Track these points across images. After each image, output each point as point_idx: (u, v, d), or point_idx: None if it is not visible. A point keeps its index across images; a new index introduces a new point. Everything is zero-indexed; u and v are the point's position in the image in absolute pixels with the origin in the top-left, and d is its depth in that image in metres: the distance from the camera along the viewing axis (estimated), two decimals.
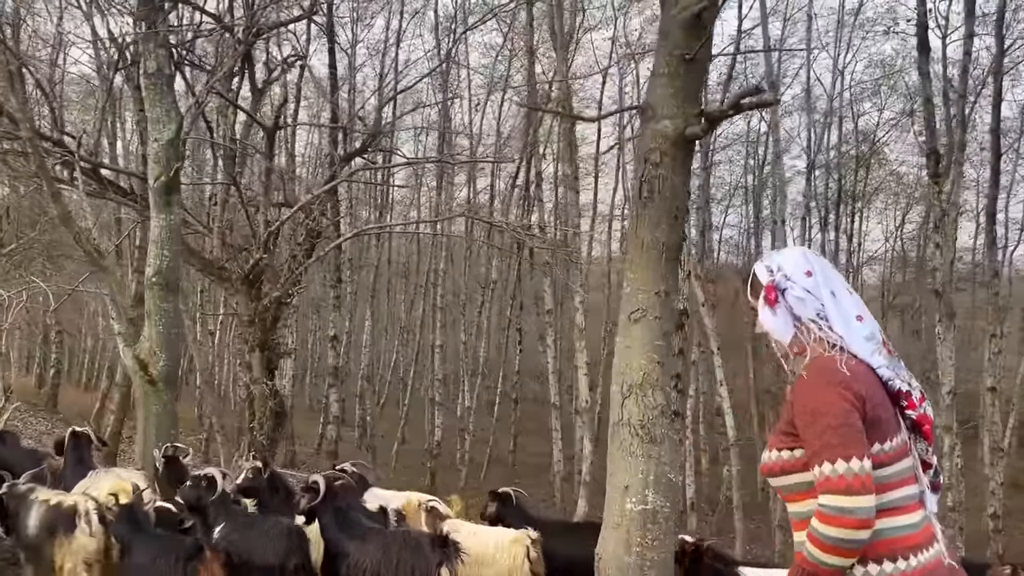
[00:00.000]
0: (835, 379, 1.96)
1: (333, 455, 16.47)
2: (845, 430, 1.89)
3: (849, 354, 2.03)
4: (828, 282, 2.12)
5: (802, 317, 2.09)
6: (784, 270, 2.15)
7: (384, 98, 14.52)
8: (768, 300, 2.14)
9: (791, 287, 2.12)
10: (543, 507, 16.03)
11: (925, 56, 11.93)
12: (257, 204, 11.47)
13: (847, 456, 1.86)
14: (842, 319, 2.08)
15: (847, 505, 1.83)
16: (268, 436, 10.82)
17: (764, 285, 2.16)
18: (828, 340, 2.05)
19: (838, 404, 1.92)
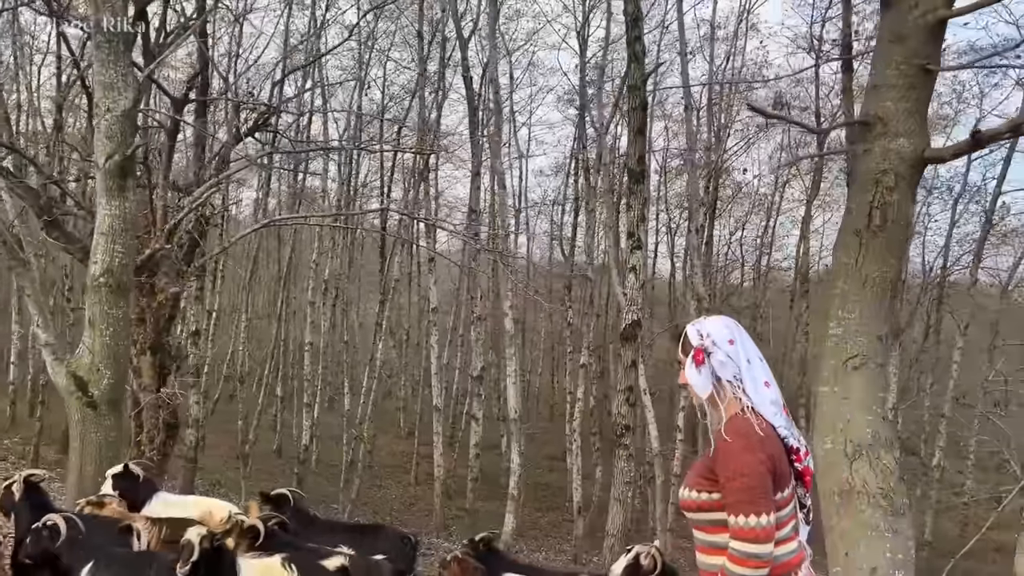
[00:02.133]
0: (753, 444, 2.38)
1: (192, 462, 14.74)
2: (758, 491, 2.35)
3: (757, 415, 2.43)
4: (746, 351, 2.52)
5: (722, 378, 2.48)
6: (712, 336, 2.51)
7: (288, 69, 12.99)
8: (696, 360, 2.50)
9: (716, 351, 2.49)
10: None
11: None
12: (155, 185, 9.82)
13: (757, 512, 2.33)
14: (753, 383, 2.49)
15: (753, 551, 2.33)
16: (159, 451, 9.29)
17: (694, 347, 2.51)
18: (741, 400, 2.45)
19: (755, 468, 2.36)
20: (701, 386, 2.51)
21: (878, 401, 3.88)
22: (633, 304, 10.53)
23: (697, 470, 2.54)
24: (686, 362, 2.54)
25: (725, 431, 2.41)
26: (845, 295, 3.98)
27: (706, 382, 2.50)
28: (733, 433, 2.40)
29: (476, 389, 15.30)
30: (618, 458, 10.55)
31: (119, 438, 6.43)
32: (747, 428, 2.40)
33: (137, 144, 6.25)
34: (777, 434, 2.47)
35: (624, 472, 10.54)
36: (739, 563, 2.34)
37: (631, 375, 10.62)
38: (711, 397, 2.49)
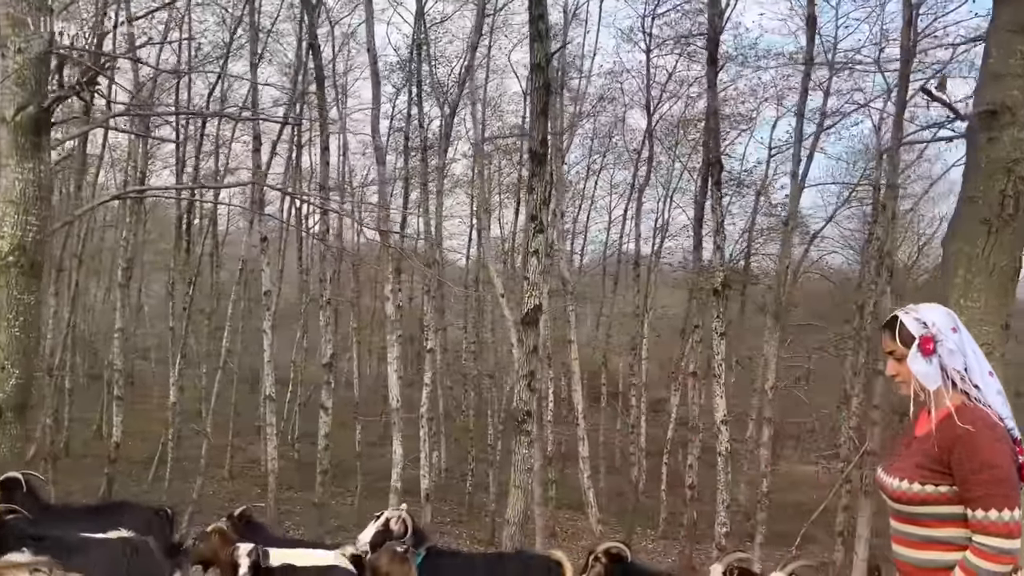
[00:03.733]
0: (1002, 435, 2.35)
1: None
2: (1009, 484, 2.29)
3: (988, 405, 2.40)
4: (969, 340, 2.47)
5: (948, 368, 2.40)
6: (938, 324, 2.44)
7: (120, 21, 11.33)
8: (924, 350, 2.41)
9: (945, 340, 2.41)
10: None
11: None
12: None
13: (1011, 506, 2.26)
14: (980, 373, 2.44)
15: (1006, 547, 2.25)
16: None
17: (919, 336, 2.43)
18: (969, 392, 2.40)
19: (1006, 459, 2.31)
20: (932, 377, 2.41)
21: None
22: (535, 288, 10.24)
23: (914, 460, 2.45)
24: (910, 352, 2.44)
25: (964, 421, 2.33)
26: (968, 283, 3.96)
27: (936, 373, 2.42)
28: (977, 422, 2.33)
29: (326, 377, 14.34)
30: (519, 444, 10.25)
31: (23, 451, 5.21)
32: (989, 418, 2.37)
33: (58, 95, 5.02)
34: (1005, 426, 2.42)
35: (525, 459, 10.26)
36: (989, 559, 2.27)
37: (532, 360, 10.33)
38: (938, 390, 2.42)
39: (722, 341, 12.37)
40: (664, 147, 21.23)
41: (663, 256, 22.55)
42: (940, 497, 2.38)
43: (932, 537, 2.41)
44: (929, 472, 2.39)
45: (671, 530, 19.56)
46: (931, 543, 2.41)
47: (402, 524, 5.31)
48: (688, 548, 16.70)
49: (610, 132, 22.99)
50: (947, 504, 2.37)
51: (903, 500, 2.46)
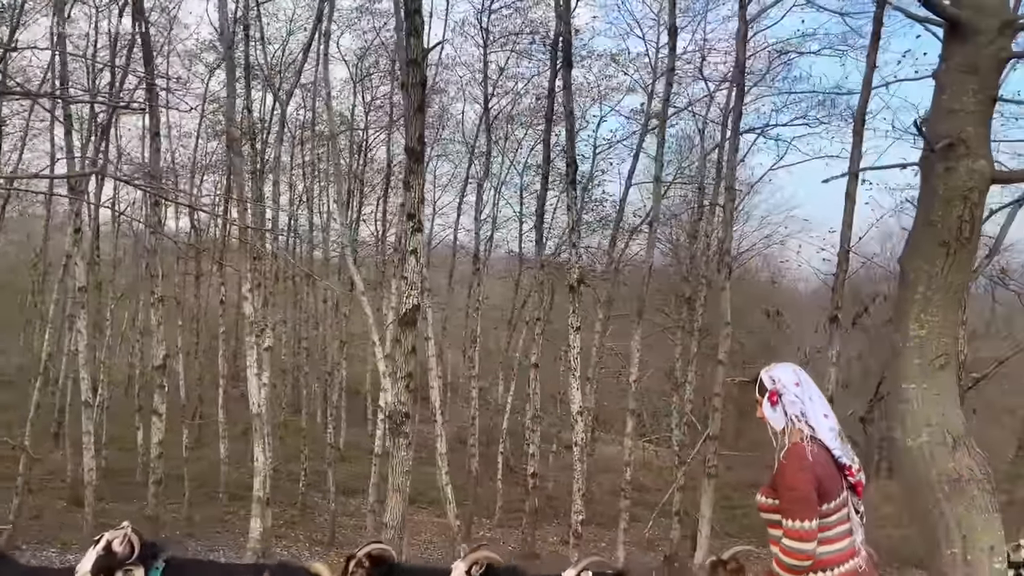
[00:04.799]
0: (804, 466, 3.22)
1: None
2: (805, 502, 3.17)
3: (817, 441, 3.30)
4: (808, 391, 3.40)
5: (789, 413, 3.34)
6: (782, 381, 3.41)
7: None
8: (771, 401, 3.37)
9: (786, 393, 3.36)
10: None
11: None
12: None
13: (802, 518, 3.15)
14: (815, 416, 3.35)
15: (798, 547, 3.16)
16: None
17: (769, 390, 3.40)
18: (803, 431, 3.30)
19: (804, 484, 3.20)
20: (778, 420, 3.37)
21: (958, 397, 4.33)
22: (413, 288, 10.09)
23: (768, 482, 3.42)
24: (763, 402, 3.40)
25: (784, 456, 3.30)
26: (928, 299, 4.35)
27: (781, 417, 3.36)
28: (790, 457, 3.27)
29: (160, 380, 13.34)
30: (398, 446, 10.09)
31: None
32: (801, 453, 3.26)
33: None
34: (832, 456, 3.34)
35: (404, 461, 10.11)
36: (787, 555, 3.21)
37: (411, 361, 10.18)
38: (783, 428, 3.36)
39: (577, 335, 12.77)
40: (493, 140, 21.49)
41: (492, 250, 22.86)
42: (775, 507, 3.33)
43: (775, 536, 3.35)
44: (771, 490, 3.35)
45: (507, 518, 20.00)
46: (773, 541, 3.36)
47: (127, 544, 4.75)
48: (530, 535, 17.17)
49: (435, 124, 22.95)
50: (778, 513, 3.30)
51: (762, 510, 3.42)
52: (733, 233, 18.15)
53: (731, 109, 14.74)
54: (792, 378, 3.43)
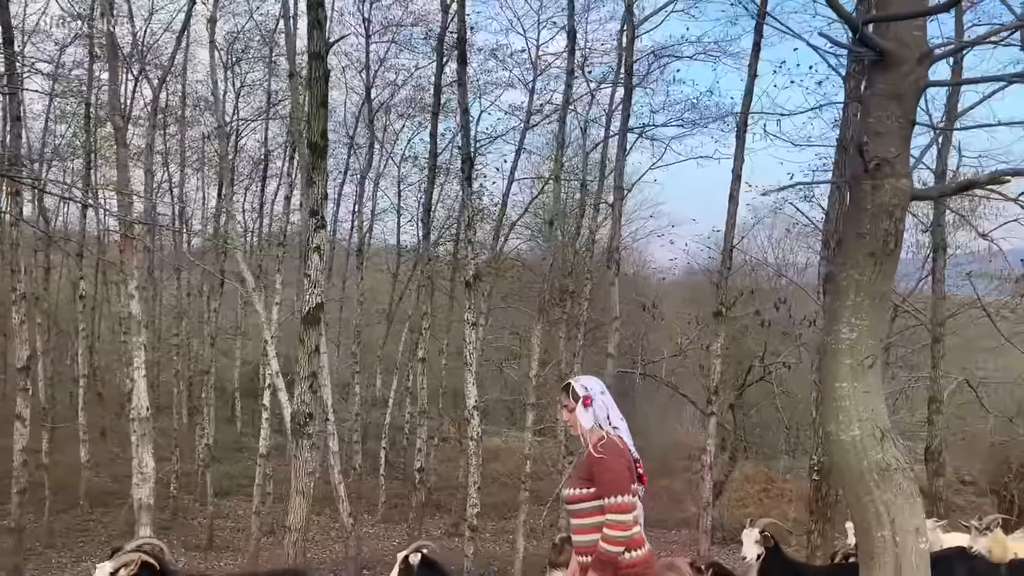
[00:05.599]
0: (621, 453, 3.83)
1: None
2: (624, 480, 3.74)
3: (620, 437, 3.89)
4: (608, 398, 3.96)
5: (599, 416, 3.89)
6: (592, 388, 3.94)
7: None
8: (585, 404, 3.88)
9: (595, 398, 3.90)
10: None
11: None
12: None
13: (623, 492, 3.70)
14: (616, 419, 3.93)
15: (623, 519, 3.68)
16: None
17: (582, 396, 3.91)
18: (608, 430, 3.87)
19: (621, 465, 3.78)
20: (589, 422, 3.89)
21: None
22: (317, 286, 9.92)
23: (577, 475, 3.92)
24: (577, 407, 3.90)
25: (601, 448, 3.82)
26: (858, 305, 4.74)
27: (592, 419, 3.88)
28: (606, 448, 3.81)
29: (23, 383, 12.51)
30: (301, 448, 9.92)
31: None
32: (615, 443, 3.85)
33: None
34: (629, 451, 3.93)
35: (307, 463, 9.96)
36: (615, 528, 3.68)
37: (314, 361, 10.03)
38: (591, 428, 3.89)
39: (474, 331, 12.90)
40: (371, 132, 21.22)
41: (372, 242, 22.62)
42: (589, 495, 3.78)
43: (590, 524, 3.79)
44: (582, 480, 3.83)
45: (391, 514, 19.94)
46: (589, 528, 3.80)
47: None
48: (417, 529, 17.20)
49: None
50: (594, 500, 3.77)
51: (571, 501, 3.87)
52: (607, 228, 18.79)
53: (615, 109, 15.22)
54: (599, 387, 3.97)
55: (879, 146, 4.72)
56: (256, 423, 26.54)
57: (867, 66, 4.94)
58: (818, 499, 10.55)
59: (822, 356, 4.94)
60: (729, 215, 11.80)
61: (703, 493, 12.46)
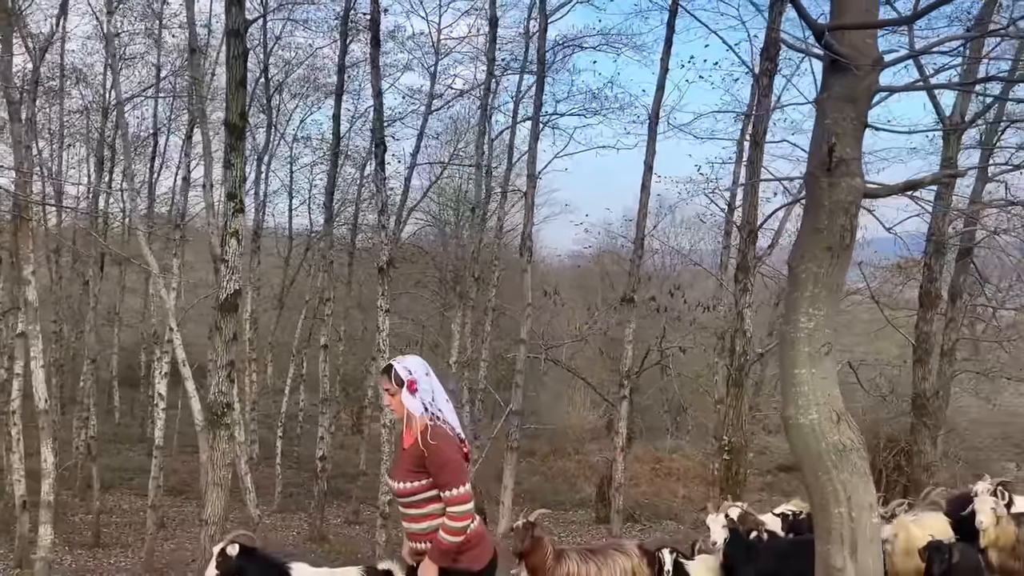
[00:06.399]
0: (452, 443, 3.71)
1: None
2: (460, 471, 3.67)
3: (445, 421, 3.77)
4: (435, 381, 3.82)
5: (424, 400, 3.73)
6: (416, 372, 3.76)
7: None
8: (411, 389, 3.72)
9: (420, 382, 3.74)
10: None
11: None
12: None
13: (461, 483, 3.64)
14: (440, 402, 3.79)
15: (464, 509, 3.63)
16: None
17: (407, 380, 3.72)
18: (434, 414, 3.73)
19: (456, 456, 3.68)
20: (416, 407, 3.70)
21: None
22: (235, 272, 9.60)
23: (405, 466, 3.74)
24: (402, 392, 3.71)
25: (431, 437, 3.66)
26: (815, 296, 5.03)
27: (419, 403, 3.70)
28: (438, 437, 3.66)
29: None
30: (218, 439, 9.60)
31: None
32: (444, 432, 3.71)
33: None
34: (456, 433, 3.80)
35: (225, 454, 9.64)
36: (457, 519, 3.61)
37: (232, 349, 9.69)
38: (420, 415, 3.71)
39: (387, 317, 12.78)
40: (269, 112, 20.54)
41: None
42: (424, 487, 3.66)
43: (425, 513, 3.70)
44: (412, 472, 3.67)
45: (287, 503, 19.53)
46: (426, 517, 3.71)
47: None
48: (318, 518, 16.93)
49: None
50: (429, 490, 3.66)
51: (404, 495, 3.70)
52: (512, 216, 19.00)
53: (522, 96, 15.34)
54: (423, 369, 3.79)
55: (836, 147, 5.00)
56: (137, 413, 25.46)
57: (824, 71, 5.21)
58: (728, 478, 11.09)
59: (781, 344, 5.20)
60: (641, 204, 12.13)
61: (615, 475, 12.83)
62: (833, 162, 4.97)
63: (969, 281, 14.06)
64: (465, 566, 3.70)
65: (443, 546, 3.63)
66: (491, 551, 3.84)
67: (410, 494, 3.68)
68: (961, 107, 11.73)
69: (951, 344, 13.65)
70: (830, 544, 4.88)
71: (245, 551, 4.52)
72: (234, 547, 4.47)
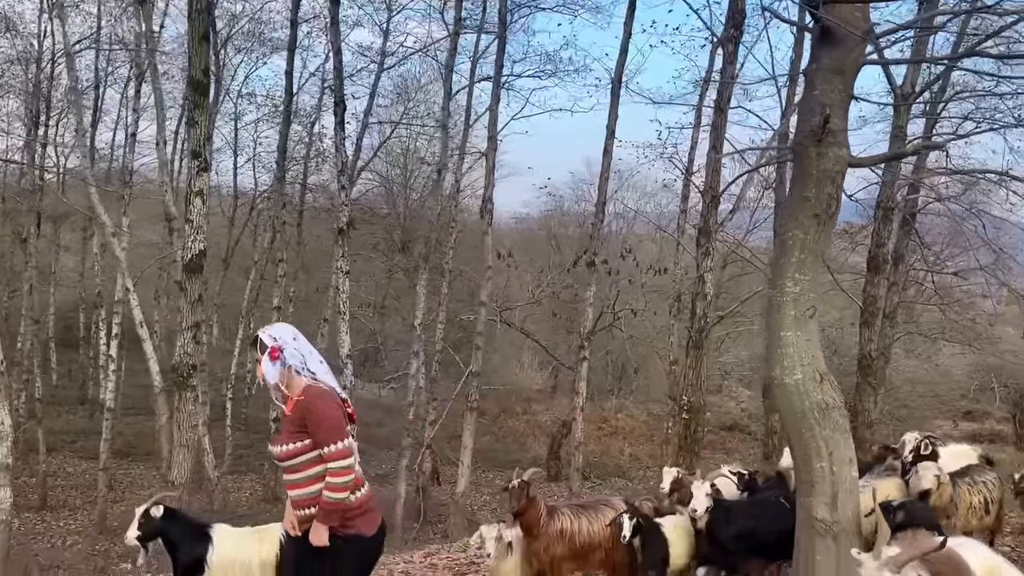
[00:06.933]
0: (332, 400, 3.61)
1: None
2: (340, 427, 3.55)
3: (323, 383, 3.67)
4: (305, 344, 3.72)
5: (293, 365, 3.63)
6: (282, 338, 3.69)
7: None
8: (272, 357, 3.63)
9: (286, 347, 3.65)
10: None
11: None
12: None
13: (340, 439, 3.52)
14: (315, 363, 3.70)
15: (345, 464, 3.52)
16: None
17: (270, 347, 3.63)
18: (308, 377, 3.64)
19: (334, 412, 3.57)
20: (273, 374, 3.61)
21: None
22: (199, 232, 9.46)
23: (287, 431, 3.64)
24: (264, 359, 3.62)
25: (308, 397, 3.58)
26: (801, 262, 5.22)
27: (278, 371, 3.61)
28: (315, 396, 3.58)
29: None
30: (185, 400, 9.53)
31: None
32: (322, 390, 3.63)
33: None
34: (335, 392, 3.71)
35: (192, 416, 9.59)
36: (338, 475, 3.51)
37: (198, 310, 9.58)
38: (284, 381, 3.63)
39: (347, 279, 12.72)
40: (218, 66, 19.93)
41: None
42: (305, 448, 3.55)
43: (308, 476, 3.58)
44: (296, 433, 3.56)
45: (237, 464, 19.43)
46: (309, 480, 3.58)
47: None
48: (272, 479, 16.92)
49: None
50: (310, 451, 3.55)
51: (284, 458, 3.59)
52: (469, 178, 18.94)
53: (480, 56, 15.25)
54: (290, 334, 3.72)
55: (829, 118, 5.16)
56: (76, 375, 24.85)
57: (813, 43, 5.36)
58: (687, 436, 11.43)
59: (768, 308, 5.40)
60: (603, 168, 12.25)
61: (575, 433, 13.08)
62: (824, 133, 5.13)
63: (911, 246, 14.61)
64: (356, 531, 3.62)
65: (328, 504, 3.52)
66: (380, 519, 3.78)
67: (292, 456, 3.57)
68: (912, 78, 12.08)
69: (893, 307, 14.20)
70: (812, 497, 5.14)
71: (168, 513, 4.49)
72: (158, 509, 4.43)
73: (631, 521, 5.47)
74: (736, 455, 22.01)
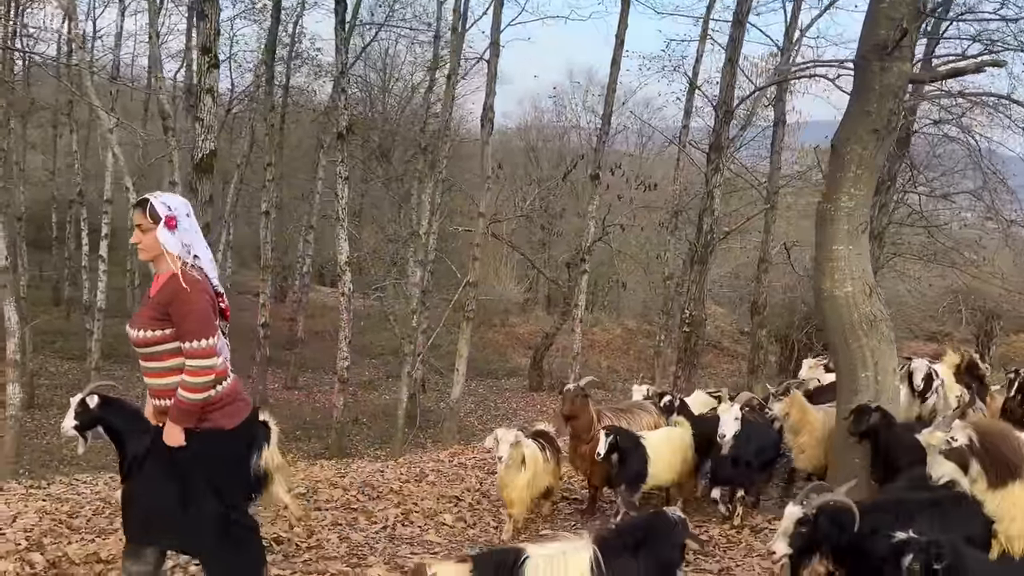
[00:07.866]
0: (202, 288, 3.26)
1: None
2: (208, 322, 3.23)
3: (200, 269, 3.32)
4: (194, 224, 3.39)
5: (183, 241, 3.29)
6: (178, 209, 3.32)
7: None
8: (169, 226, 3.27)
9: (181, 220, 3.30)
10: None
11: None
12: None
13: (207, 336, 3.21)
14: (200, 247, 3.36)
15: (206, 364, 3.22)
16: None
17: (164, 216, 3.26)
18: (189, 259, 3.28)
19: (205, 306, 3.23)
20: (175, 245, 3.26)
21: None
22: (210, 131, 9.21)
23: (147, 314, 3.29)
24: (159, 227, 3.25)
25: (183, 281, 3.21)
26: (858, 177, 5.29)
27: (177, 242, 3.26)
28: (188, 282, 3.21)
29: None
30: None
31: None
32: (195, 279, 3.25)
33: None
34: (210, 284, 3.37)
35: None
36: (197, 374, 3.21)
37: (208, 212, 9.42)
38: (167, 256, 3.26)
39: (346, 185, 12.55)
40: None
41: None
42: (165, 337, 3.24)
43: (167, 367, 3.28)
44: (158, 319, 3.24)
45: None
46: (168, 371, 3.28)
47: None
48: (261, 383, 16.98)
49: None
50: (171, 342, 3.25)
51: (142, 344, 3.27)
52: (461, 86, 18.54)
53: None
54: (184, 208, 3.37)
55: (889, 30, 5.14)
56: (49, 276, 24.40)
57: None
58: (687, 348, 11.67)
59: (819, 222, 5.46)
60: (611, 79, 12.08)
61: (574, 344, 13.26)
62: (895, 46, 5.11)
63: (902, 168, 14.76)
64: (214, 425, 3.34)
65: (183, 404, 3.26)
66: (248, 408, 3.50)
67: (150, 344, 3.26)
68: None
69: (882, 228, 14.44)
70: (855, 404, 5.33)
71: (104, 401, 4.40)
72: (93, 398, 4.33)
73: (607, 438, 5.25)
74: (710, 371, 22.59)
